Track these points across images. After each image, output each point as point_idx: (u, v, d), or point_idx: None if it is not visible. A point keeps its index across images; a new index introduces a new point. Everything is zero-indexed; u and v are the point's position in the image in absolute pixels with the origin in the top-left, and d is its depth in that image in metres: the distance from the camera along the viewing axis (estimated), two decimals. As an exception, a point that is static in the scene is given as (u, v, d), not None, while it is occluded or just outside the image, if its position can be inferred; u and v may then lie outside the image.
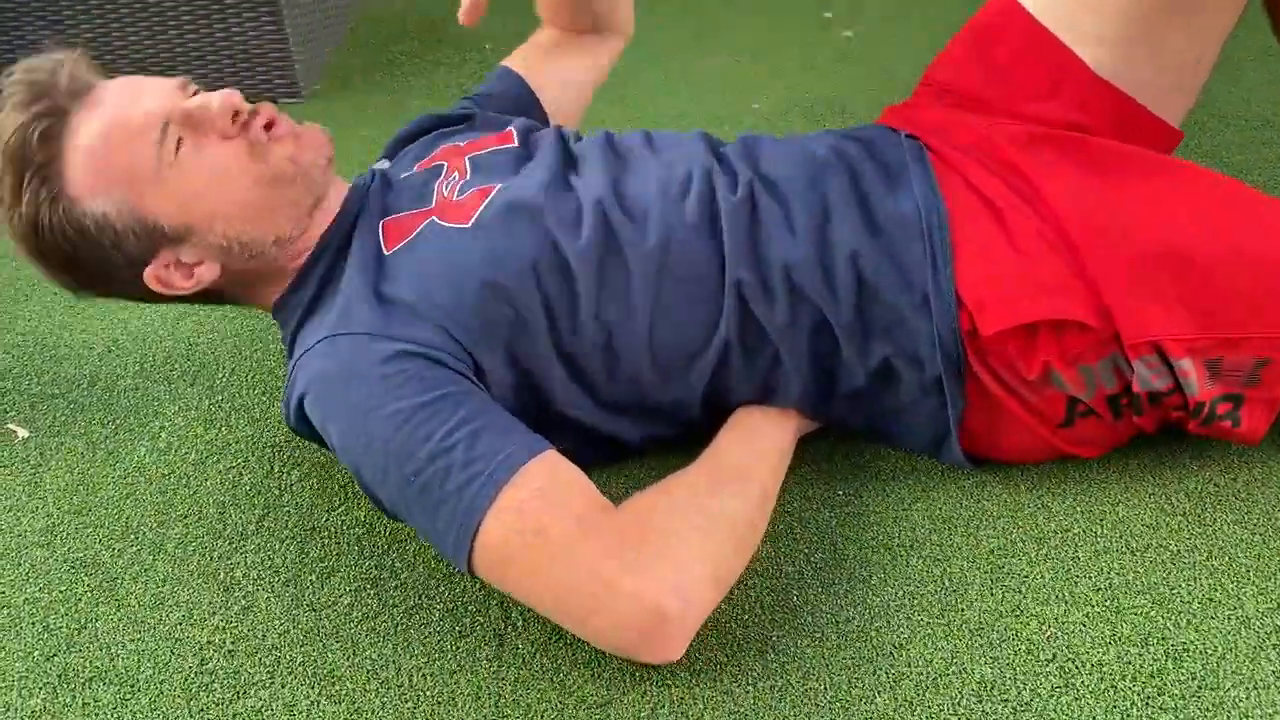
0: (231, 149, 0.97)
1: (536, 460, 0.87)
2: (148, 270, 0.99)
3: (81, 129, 0.95)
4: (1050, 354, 0.97)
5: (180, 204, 0.96)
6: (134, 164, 0.94)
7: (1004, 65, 1.13)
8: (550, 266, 0.97)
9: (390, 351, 0.90)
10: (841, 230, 1.01)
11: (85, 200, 0.95)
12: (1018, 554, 0.98)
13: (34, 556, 1.03)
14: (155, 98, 0.96)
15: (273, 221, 1.00)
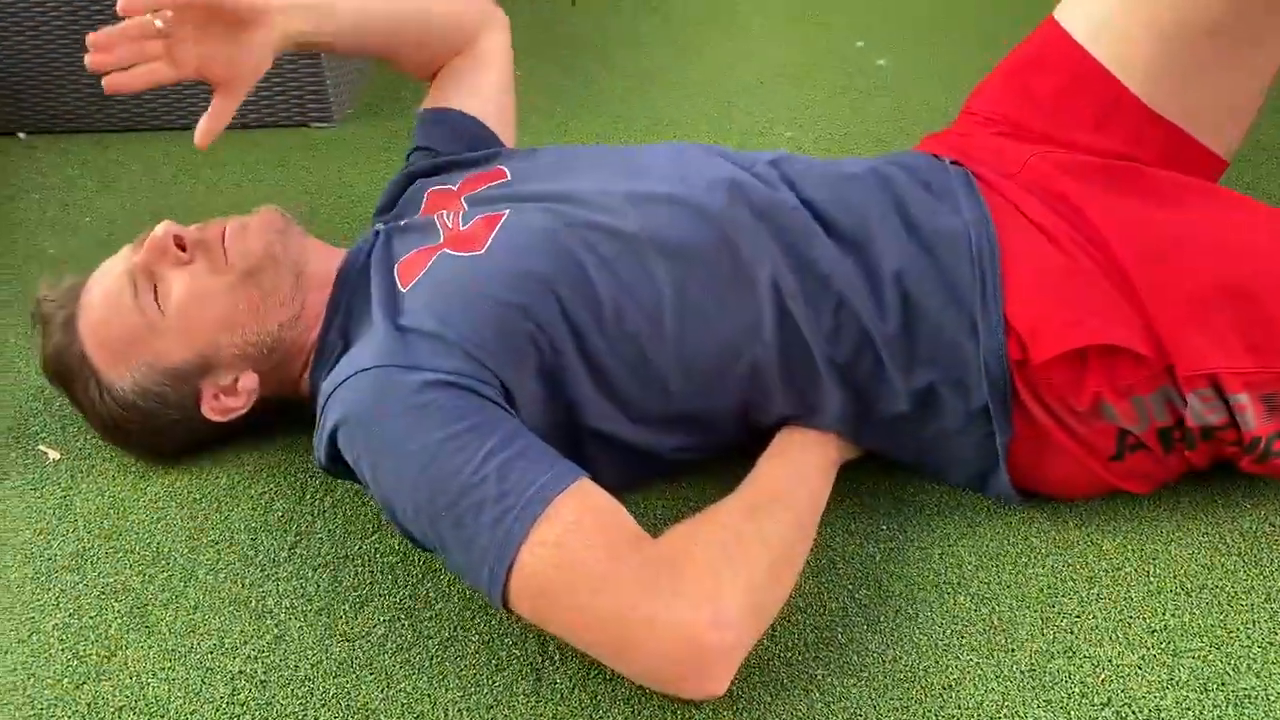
0: (194, 273, 1.02)
1: (569, 490, 0.85)
2: (203, 407, 1.06)
3: (84, 323, 1.05)
4: (1101, 384, 0.95)
5: (183, 341, 1.03)
6: (128, 328, 1.03)
7: (1052, 95, 1.11)
8: (569, 281, 0.96)
9: (417, 382, 0.89)
10: (886, 250, 0.99)
11: (117, 380, 1.05)
12: (1068, 593, 0.95)
13: (64, 581, 1.02)
14: (116, 262, 1.06)
15: (267, 314, 1.04)
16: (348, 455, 0.92)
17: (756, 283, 0.98)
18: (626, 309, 0.97)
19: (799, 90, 1.94)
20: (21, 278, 1.49)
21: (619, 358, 0.98)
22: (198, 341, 1.03)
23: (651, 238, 0.98)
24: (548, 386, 0.97)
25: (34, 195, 1.70)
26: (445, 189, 1.13)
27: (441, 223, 1.06)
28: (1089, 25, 1.10)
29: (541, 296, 0.96)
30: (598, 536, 0.84)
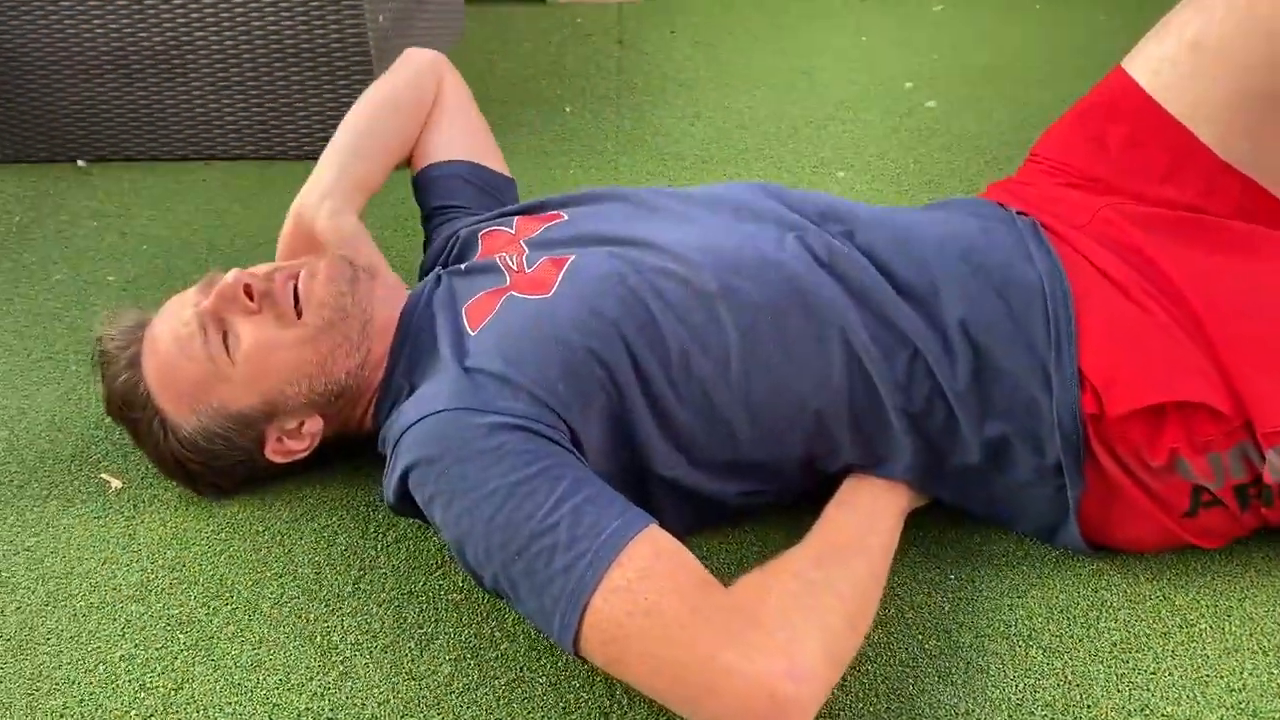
0: (262, 323, 1.03)
1: (641, 536, 0.85)
2: (266, 450, 1.07)
3: (150, 363, 1.06)
4: (1178, 440, 0.94)
5: (251, 389, 1.03)
6: (197, 375, 1.03)
7: (1123, 146, 1.11)
8: (637, 325, 0.96)
9: (488, 425, 0.89)
10: (953, 299, 0.99)
11: (183, 422, 1.05)
12: (1142, 649, 0.94)
13: (130, 611, 1.02)
14: (183, 305, 1.05)
15: (335, 364, 1.04)
16: (419, 497, 0.93)
17: (826, 333, 0.97)
18: (694, 355, 0.97)
19: (850, 131, 1.94)
20: (83, 304, 1.51)
21: (685, 404, 0.98)
22: (265, 390, 1.03)
23: (720, 286, 0.98)
24: (614, 431, 0.97)
25: (92, 222, 1.72)
26: (501, 231, 1.14)
27: (505, 264, 1.06)
28: (1159, 77, 1.10)
29: (609, 340, 0.96)
30: (671, 583, 0.83)
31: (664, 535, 0.87)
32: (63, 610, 1.03)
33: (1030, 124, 1.95)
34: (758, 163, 1.84)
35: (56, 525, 1.13)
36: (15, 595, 1.05)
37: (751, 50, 2.34)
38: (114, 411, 1.10)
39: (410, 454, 0.92)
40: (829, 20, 2.50)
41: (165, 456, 1.08)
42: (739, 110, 2.04)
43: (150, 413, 1.06)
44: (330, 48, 1.80)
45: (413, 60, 1.34)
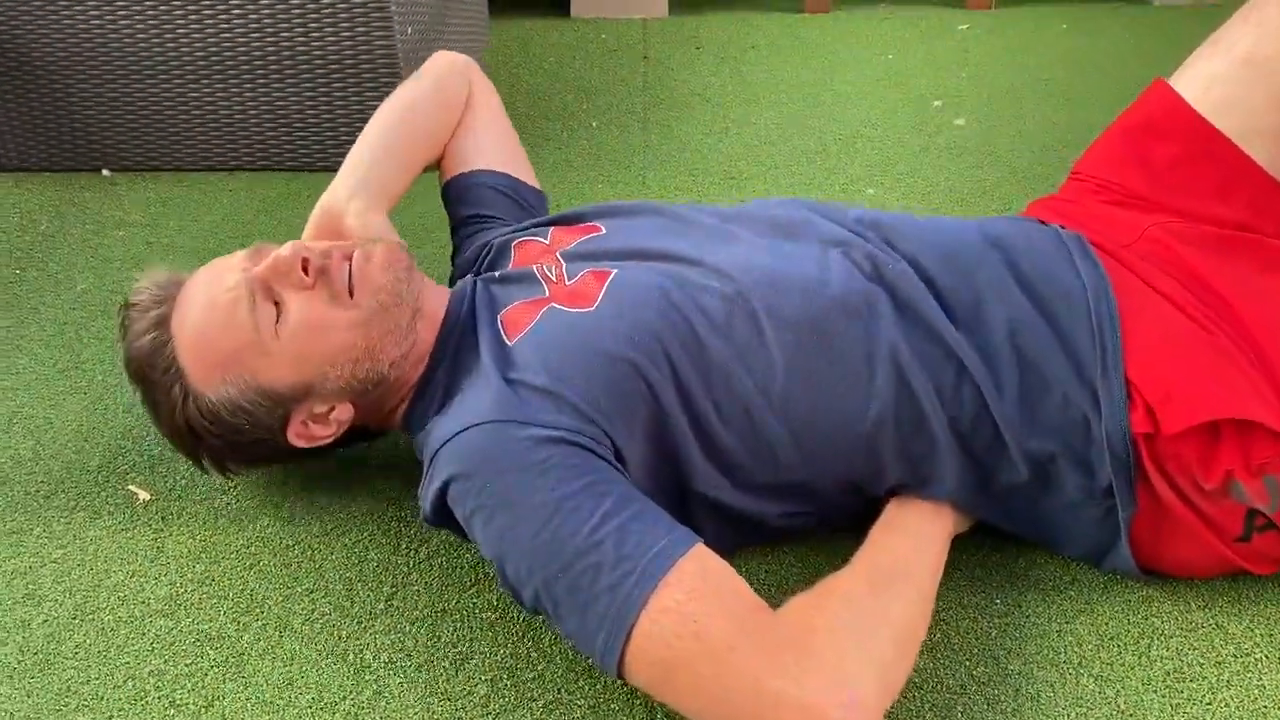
0: (313, 300, 0.98)
1: (689, 555, 0.83)
2: (289, 432, 1.02)
3: (182, 327, 0.99)
4: (1233, 462, 0.92)
5: (291, 366, 0.98)
6: (236, 344, 0.97)
7: (1171, 163, 1.09)
8: (681, 341, 0.95)
9: (532, 438, 0.87)
10: (997, 313, 0.98)
11: (208, 390, 0.99)
12: (1196, 678, 0.92)
13: (159, 626, 1.00)
14: (229, 270, 1.00)
15: (382, 351, 1.00)
16: (459, 511, 0.91)
17: (871, 350, 0.96)
18: (736, 374, 0.95)
19: (879, 148, 1.93)
20: (109, 313, 1.49)
21: (728, 423, 0.96)
22: (305, 369, 0.99)
23: (764, 304, 0.97)
24: (656, 448, 0.95)
25: (119, 232, 1.71)
26: (535, 241, 1.12)
27: (543, 275, 1.04)
28: (1209, 94, 1.08)
29: (653, 355, 0.94)
30: (720, 605, 0.81)
31: (712, 555, 0.85)
32: (91, 624, 1.01)
33: (1060, 143, 1.93)
34: (786, 179, 1.83)
35: (84, 537, 1.11)
36: (43, 608, 1.03)
37: (776, 67, 2.33)
38: (134, 370, 1.03)
39: (451, 466, 0.90)
40: (853, 38, 2.49)
41: (179, 425, 1.02)
42: (766, 126, 2.03)
43: (172, 376, 1.00)
44: (359, 59, 1.80)
45: (443, 63, 1.31)
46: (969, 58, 2.37)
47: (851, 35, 2.52)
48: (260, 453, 1.06)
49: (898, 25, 2.58)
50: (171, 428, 1.04)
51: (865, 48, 2.44)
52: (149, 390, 1.03)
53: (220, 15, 1.77)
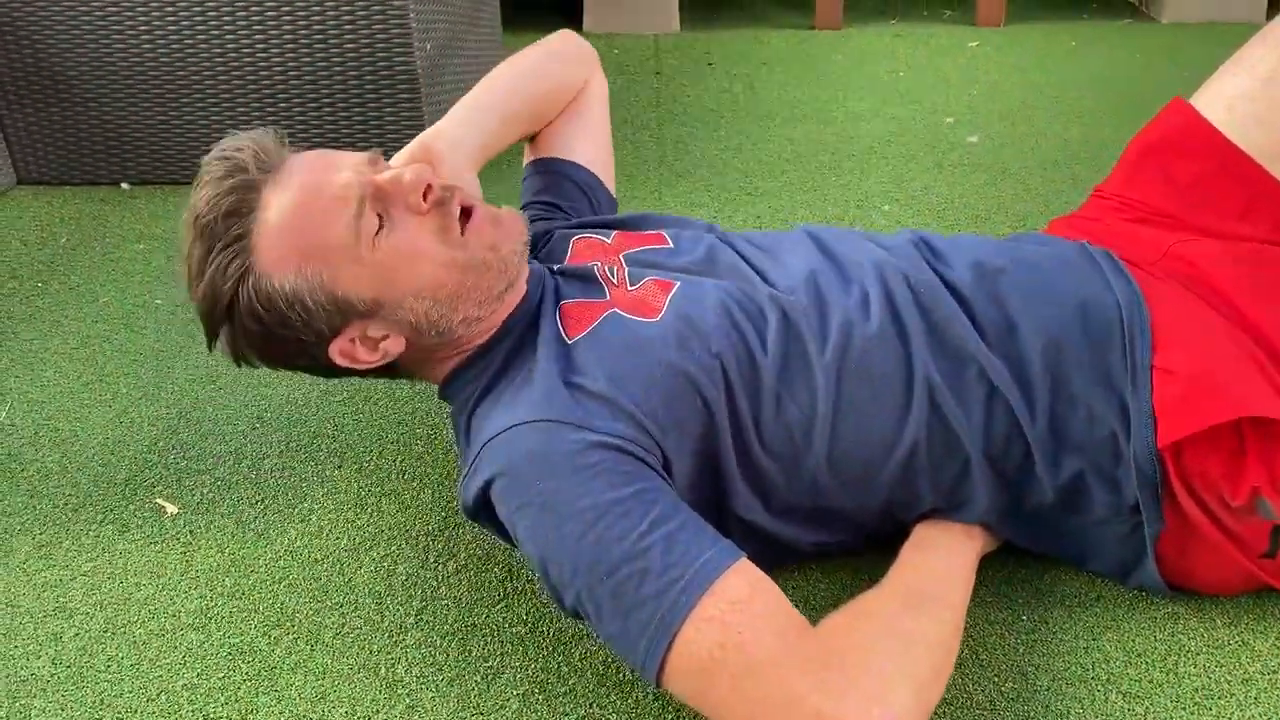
0: (424, 227, 0.95)
1: (734, 569, 0.83)
2: (334, 344, 0.97)
3: (273, 203, 0.93)
4: (1260, 479, 0.93)
5: (374, 281, 0.94)
6: (329, 240, 0.93)
7: (1195, 182, 1.10)
8: (738, 364, 0.95)
9: (585, 442, 0.88)
10: (1032, 332, 0.98)
11: (276, 275, 0.93)
12: (1224, 695, 0.92)
13: (190, 640, 1.01)
14: (348, 172, 0.95)
15: (464, 303, 0.98)
16: (503, 507, 0.91)
17: (909, 379, 0.97)
18: (784, 398, 0.96)
19: (893, 165, 1.94)
20: (131, 326, 1.50)
21: (769, 446, 0.96)
22: (386, 290, 0.94)
23: (812, 329, 0.98)
24: (700, 465, 0.96)
25: (139, 245, 1.72)
26: (597, 240, 1.11)
27: (604, 276, 1.04)
28: (1233, 113, 1.10)
29: (712, 372, 0.95)
30: (764, 619, 0.82)
31: (756, 570, 0.86)
32: (122, 637, 1.01)
33: (1071, 158, 1.94)
34: (802, 194, 1.84)
35: (113, 550, 1.12)
36: (74, 621, 1.03)
37: (788, 84, 2.35)
38: (201, 224, 0.93)
39: (497, 462, 0.90)
40: (865, 55, 2.51)
41: (220, 296, 0.94)
42: (780, 143, 2.04)
43: (241, 246, 0.93)
44: (378, 74, 1.81)
45: (571, 45, 1.30)
46: (980, 75, 2.38)
47: (862, 52, 2.54)
48: (290, 354, 1.00)
49: (908, 42, 2.60)
50: (210, 297, 0.95)
51: (876, 64, 2.46)
52: (207, 249, 0.94)
53: (241, 32, 1.79)
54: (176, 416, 1.33)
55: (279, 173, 0.95)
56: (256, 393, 1.36)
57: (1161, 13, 2.69)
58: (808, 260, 1.05)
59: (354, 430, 1.29)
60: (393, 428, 1.29)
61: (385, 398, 1.35)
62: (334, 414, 1.32)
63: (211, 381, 1.38)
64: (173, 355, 1.44)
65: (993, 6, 2.66)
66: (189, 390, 1.37)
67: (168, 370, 1.41)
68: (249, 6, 1.77)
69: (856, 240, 1.09)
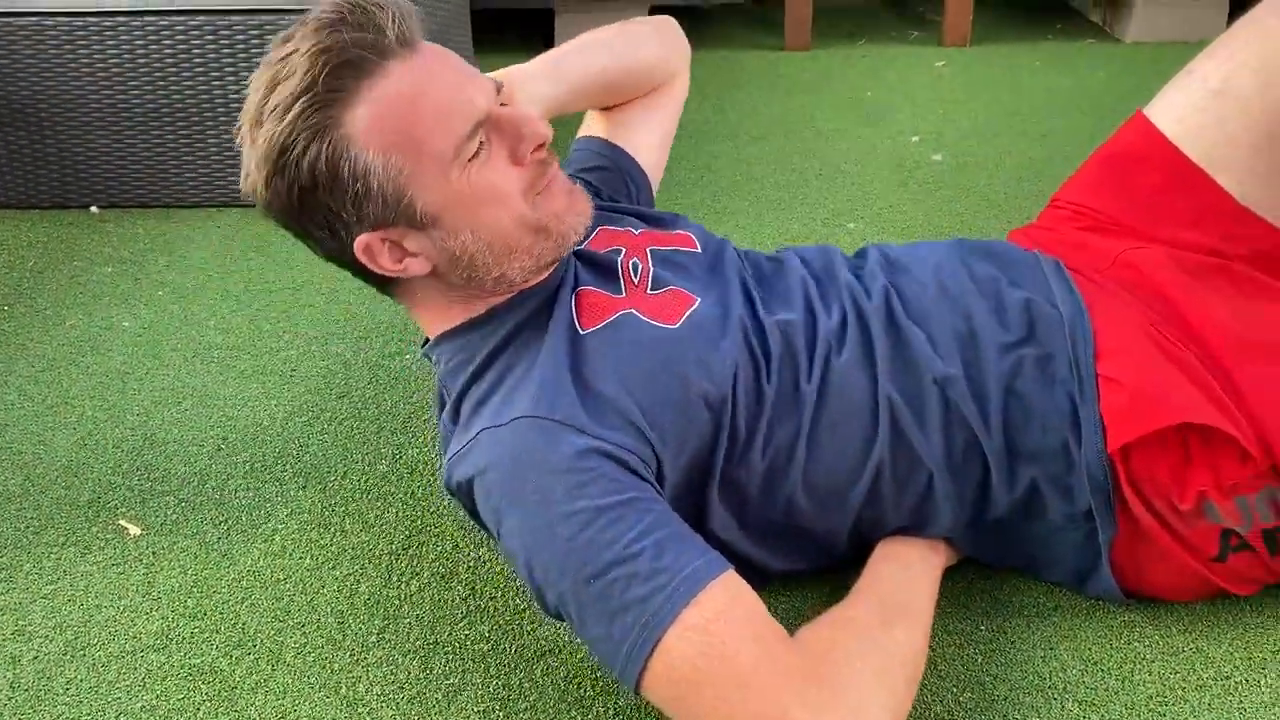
0: (514, 176, 0.94)
1: (721, 579, 0.84)
2: (365, 235, 0.92)
3: (398, 81, 0.89)
4: (1206, 482, 0.94)
5: (447, 201, 0.91)
6: (434, 144, 0.89)
7: (1150, 192, 1.13)
8: (745, 389, 0.96)
9: (584, 446, 0.88)
10: (987, 342, 1.00)
11: (358, 146, 0.88)
12: (1178, 701, 0.93)
13: (150, 662, 1.01)
14: (482, 95, 0.92)
15: (510, 261, 0.96)
16: (488, 500, 0.90)
17: (875, 400, 0.98)
18: (776, 425, 0.97)
19: (859, 183, 1.96)
20: (98, 349, 1.50)
21: (755, 469, 0.97)
22: (451, 213, 0.92)
23: (803, 352, 0.99)
24: (688, 481, 0.96)
25: (106, 268, 1.72)
26: (624, 231, 1.09)
27: (625, 272, 1.02)
28: (1183, 124, 1.12)
29: (723, 389, 0.95)
30: (748, 630, 0.83)
31: (741, 582, 0.86)
32: (81, 660, 1.01)
33: (1035, 176, 1.97)
34: (770, 212, 1.86)
35: (74, 572, 1.12)
36: (32, 644, 1.03)
37: (758, 103, 2.37)
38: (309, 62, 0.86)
39: (492, 453, 0.90)
40: (833, 76, 2.54)
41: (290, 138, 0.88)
42: (749, 162, 2.06)
43: (337, 100, 0.87)
44: (346, 97, 1.82)
45: (672, 34, 1.28)
46: (945, 94, 2.41)
47: (831, 72, 2.57)
48: (316, 221, 0.93)
49: (876, 62, 2.63)
50: (278, 136, 0.88)
51: (844, 84, 2.49)
52: (305, 88, 0.87)
53: (210, 59, 1.79)
54: (141, 439, 1.32)
55: (414, 52, 0.90)
56: (221, 414, 1.36)
57: (1124, 33, 2.73)
58: (802, 286, 1.06)
59: (318, 450, 1.29)
60: (357, 447, 1.30)
61: (350, 418, 1.35)
62: (298, 435, 1.32)
63: (176, 404, 1.38)
64: (139, 378, 1.44)
65: (959, 27, 2.70)
66: (154, 412, 1.37)
67: (133, 393, 1.41)
68: (218, 32, 1.78)
69: (833, 262, 1.10)
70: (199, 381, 1.42)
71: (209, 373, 1.44)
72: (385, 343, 1.50)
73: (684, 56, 1.30)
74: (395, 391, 1.40)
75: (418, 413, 1.35)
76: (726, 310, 1.00)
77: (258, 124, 0.89)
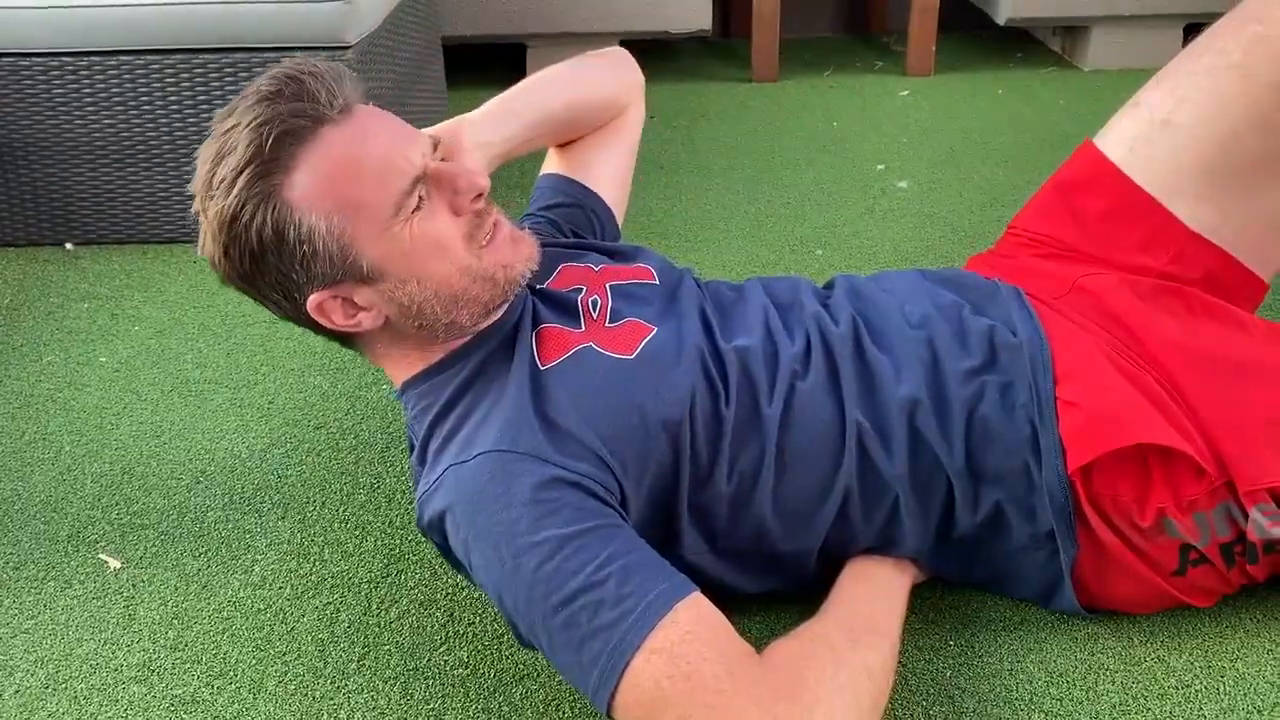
0: (454, 227, 0.97)
1: (686, 601, 0.86)
2: (316, 294, 0.96)
3: (334, 145, 0.92)
4: (1165, 500, 0.97)
5: (391, 254, 0.94)
6: (372, 202, 0.93)
7: (1099, 218, 1.16)
8: (704, 414, 0.98)
9: (547, 477, 0.90)
10: (950, 368, 1.03)
11: (301, 210, 0.91)
12: (1140, 710, 0.96)
13: (132, 693, 1.01)
14: (419, 151, 0.96)
15: (459, 308, 0.99)
16: (457, 535, 0.92)
17: (842, 425, 1.00)
18: (739, 450, 0.99)
19: (825, 211, 2.00)
20: (75, 384, 1.51)
21: (721, 494, 0.99)
22: (395, 267, 0.95)
23: (765, 378, 1.01)
24: (654, 507, 0.98)
25: (84, 304, 1.73)
26: (583, 267, 1.12)
27: (585, 308, 1.05)
28: (1133, 154, 1.16)
29: (681, 417, 0.97)
30: (713, 650, 0.85)
31: (707, 603, 0.88)
32: (63, 693, 1.02)
33: (998, 202, 2.02)
34: (739, 240, 1.89)
35: (54, 606, 1.12)
36: (14, 678, 1.04)
37: (726, 134, 2.41)
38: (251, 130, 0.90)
39: (459, 489, 0.92)
40: (799, 105, 2.59)
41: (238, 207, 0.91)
42: (718, 191, 2.10)
43: (279, 166, 0.90)
44: (321, 133, 1.84)
45: (623, 66, 1.31)
46: (910, 122, 2.47)
47: (797, 103, 2.61)
48: (269, 283, 0.97)
49: (842, 92, 2.68)
50: (228, 206, 0.92)
51: (811, 114, 2.53)
52: (248, 160, 0.90)
53: (185, 95, 1.81)
54: (120, 472, 1.33)
55: (349, 116, 0.94)
56: (200, 447, 1.37)
57: (1083, 60, 2.80)
58: (763, 314, 1.08)
59: (296, 482, 1.31)
60: (335, 478, 1.31)
61: (328, 449, 1.36)
62: (277, 466, 1.33)
63: (155, 437, 1.39)
64: (116, 413, 1.45)
65: (922, 57, 2.76)
66: (133, 446, 1.38)
67: (111, 427, 1.42)
68: (193, 70, 1.80)
69: (799, 291, 1.13)
70: (177, 415, 1.44)
71: (187, 406, 1.46)
72: (362, 374, 1.52)
73: (636, 87, 1.32)
74: (372, 422, 1.42)
75: (395, 442, 1.37)
76: (681, 339, 1.02)
77: (208, 197, 0.94)
